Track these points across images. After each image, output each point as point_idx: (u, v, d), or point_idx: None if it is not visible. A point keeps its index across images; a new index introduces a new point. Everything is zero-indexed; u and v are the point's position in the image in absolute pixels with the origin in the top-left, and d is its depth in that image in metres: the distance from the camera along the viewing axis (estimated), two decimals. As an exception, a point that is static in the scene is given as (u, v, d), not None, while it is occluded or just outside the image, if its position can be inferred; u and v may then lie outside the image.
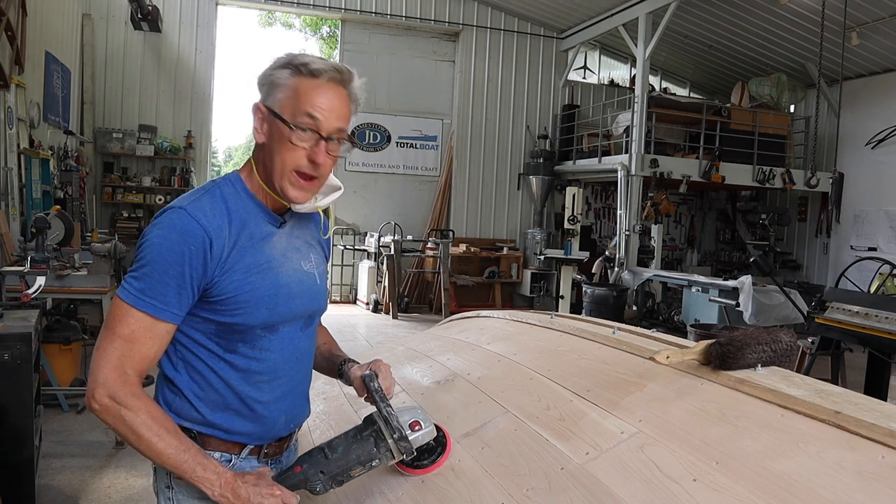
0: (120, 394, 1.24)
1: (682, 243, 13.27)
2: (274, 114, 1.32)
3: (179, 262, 1.27)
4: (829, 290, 5.60)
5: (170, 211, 1.31)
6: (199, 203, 1.32)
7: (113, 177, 10.15)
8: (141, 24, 9.36)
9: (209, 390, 1.36)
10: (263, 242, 1.38)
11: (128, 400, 1.25)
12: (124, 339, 1.27)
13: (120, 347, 1.27)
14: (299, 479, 1.34)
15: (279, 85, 1.32)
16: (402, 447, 1.33)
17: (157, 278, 1.27)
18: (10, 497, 3.03)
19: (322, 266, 1.54)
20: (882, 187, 10.35)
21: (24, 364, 3.07)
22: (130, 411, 1.25)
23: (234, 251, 1.32)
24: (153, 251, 1.28)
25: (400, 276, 10.74)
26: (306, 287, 1.44)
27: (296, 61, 1.32)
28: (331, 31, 18.43)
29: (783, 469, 1.07)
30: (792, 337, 1.48)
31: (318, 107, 1.31)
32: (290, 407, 1.46)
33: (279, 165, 1.33)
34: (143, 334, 1.28)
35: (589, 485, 1.20)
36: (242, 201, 1.37)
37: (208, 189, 1.38)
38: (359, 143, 1.77)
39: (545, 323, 2.17)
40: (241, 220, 1.35)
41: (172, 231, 1.28)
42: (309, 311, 1.47)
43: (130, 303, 1.27)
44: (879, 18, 9.09)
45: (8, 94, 5.78)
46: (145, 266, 1.28)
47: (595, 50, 12.82)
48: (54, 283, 4.27)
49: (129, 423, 1.25)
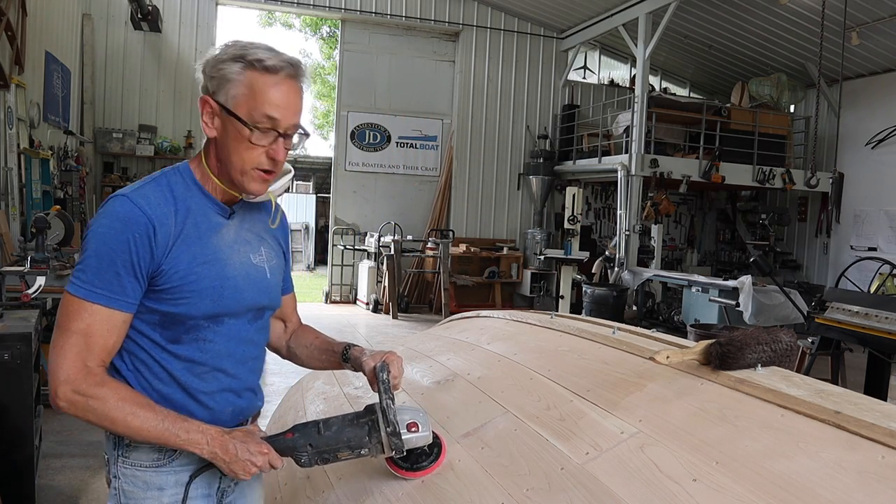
0: (84, 386, 1.23)
1: (682, 243, 13.27)
2: (229, 111, 1.29)
3: (125, 250, 1.25)
4: (829, 290, 5.60)
5: (112, 199, 1.29)
6: (143, 191, 1.31)
7: (113, 177, 10.15)
8: (141, 24, 9.36)
9: (154, 380, 1.34)
10: (211, 233, 1.36)
11: (93, 390, 1.23)
12: (80, 333, 1.25)
13: (77, 343, 1.25)
14: (287, 446, 1.34)
15: (231, 80, 1.28)
16: (393, 443, 1.33)
17: (105, 268, 1.25)
18: (10, 497, 3.03)
19: (275, 260, 1.50)
20: (882, 187, 10.35)
21: (24, 364, 3.06)
22: (98, 400, 1.23)
23: (180, 240, 1.31)
24: (98, 241, 1.26)
25: (400, 276, 10.74)
26: (254, 280, 1.42)
27: (249, 56, 1.28)
28: (331, 31, 18.45)
29: (783, 469, 1.07)
30: (792, 337, 1.48)
31: (276, 106, 1.29)
32: (235, 398, 1.43)
33: (238, 163, 1.31)
34: (99, 326, 1.26)
35: (589, 485, 1.20)
36: (190, 191, 1.36)
37: (155, 178, 1.36)
38: (310, 134, 1.70)
39: (545, 323, 2.17)
40: (187, 209, 1.33)
41: (115, 219, 1.26)
42: (257, 304, 1.44)
43: (81, 296, 1.25)
44: (879, 18, 9.09)
45: (8, 94, 5.78)
46: (92, 257, 1.26)
47: (595, 50, 12.82)
48: (54, 283, 4.26)
49: (100, 412, 1.24)
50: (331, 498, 1.50)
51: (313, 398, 2.22)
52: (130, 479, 1.35)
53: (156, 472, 1.35)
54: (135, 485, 1.35)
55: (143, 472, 1.35)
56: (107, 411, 1.24)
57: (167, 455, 1.35)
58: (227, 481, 1.43)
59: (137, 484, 1.35)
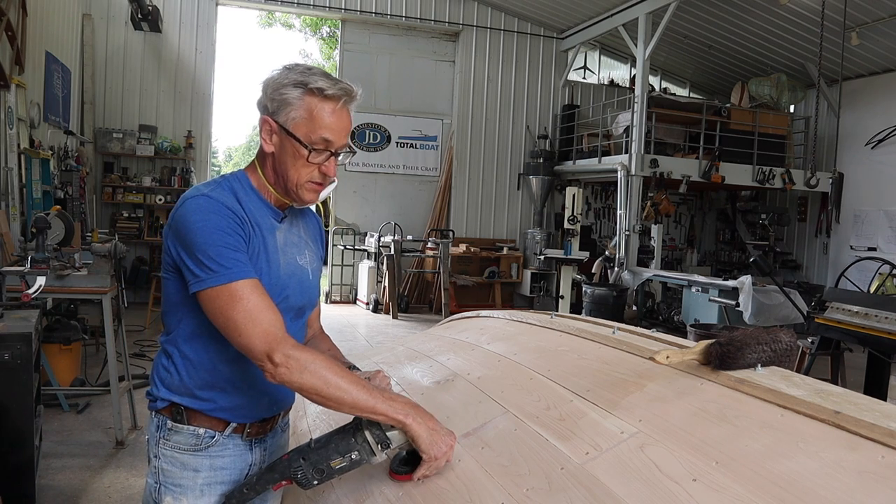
0: (290, 350, 1.31)
1: (681, 243, 13.27)
2: (288, 132, 1.41)
3: (227, 229, 1.35)
4: (829, 290, 5.60)
5: (192, 199, 1.38)
6: (217, 191, 1.41)
7: (113, 177, 10.15)
8: (141, 24, 9.37)
9: (200, 368, 1.45)
10: (267, 234, 1.47)
11: (298, 353, 1.32)
12: (248, 312, 1.32)
13: (253, 317, 1.31)
14: (285, 467, 1.39)
15: (292, 104, 1.40)
16: (377, 436, 1.36)
17: (221, 249, 1.33)
18: (10, 497, 3.03)
19: (315, 263, 1.62)
20: (882, 187, 10.35)
21: (25, 364, 3.06)
22: (311, 360, 1.31)
23: (245, 236, 1.41)
24: (203, 231, 1.34)
25: (400, 276, 10.74)
26: (299, 281, 1.53)
27: (310, 84, 1.39)
28: (331, 31, 18.44)
29: (783, 469, 1.07)
30: (792, 337, 1.48)
31: (332, 130, 1.41)
32: (274, 390, 1.51)
33: (294, 177, 1.44)
34: (256, 298, 1.34)
35: (589, 485, 1.20)
36: (249, 196, 1.46)
37: (218, 182, 1.47)
38: (356, 151, 1.90)
39: (545, 323, 2.17)
40: (249, 210, 1.44)
41: (208, 212, 1.35)
42: (300, 303, 1.55)
43: (224, 282, 1.33)
44: (879, 18, 9.10)
45: (8, 94, 5.78)
46: (206, 246, 1.33)
47: (595, 50, 12.82)
48: (54, 283, 4.25)
49: (314, 370, 1.30)
50: (331, 498, 1.50)
51: (313, 398, 2.22)
52: (170, 460, 1.47)
53: (193, 455, 1.47)
54: (173, 465, 1.47)
55: (182, 454, 1.46)
56: (319, 370, 1.31)
57: (204, 441, 1.47)
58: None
59: (175, 464, 1.46)
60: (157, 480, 1.48)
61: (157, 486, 1.48)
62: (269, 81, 1.43)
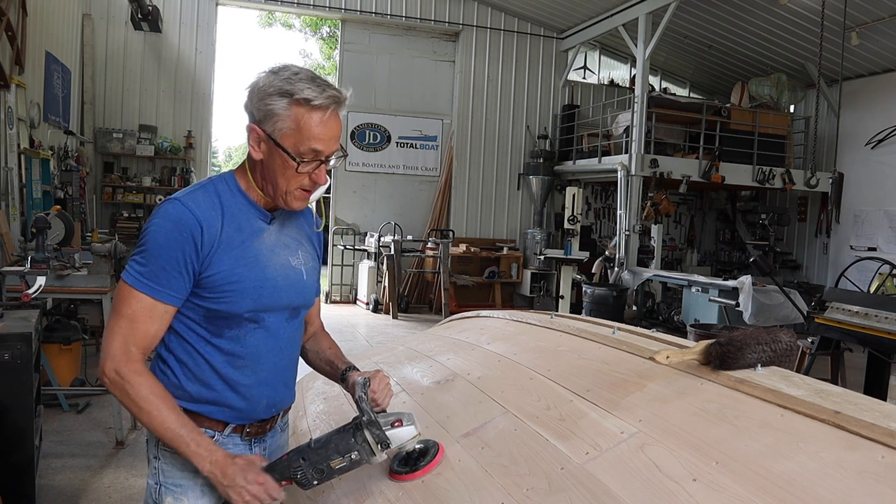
0: (124, 370, 1.37)
1: (681, 243, 13.27)
2: (276, 143, 1.39)
3: (174, 248, 1.37)
4: (829, 290, 5.60)
5: (167, 202, 1.42)
6: (194, 196, 1.43)
7: (113, 177, 10.15)
8: (141, 24, 9.36)
9: (196, 371, 1.46)
10: (253, 237, 1.47)
11: (131, 376, 1.37)
12: (127, 318, 1.39)
13: (124, 326, 1.39)
14: (284, 467, 1.40)
15: (278, 115, 1.37)
16: (376, 435, 1.37)
17: (154, 262, 1.38)
18: (10, 497, 3.03)
19: (312, 263, 1.61)
20: (882, 187, 10.35)
21: (25, 364, 3.06)
22: (132, 387, 1.36)
23: (224, 242, 1.42)
24: (151, 238, 1.39)
25: (400, 276, 10.74)
26: (292, 282, 1.53)
27: (296, 94, 1.35)
28: (331, 31, 18.44)
29: (783, 469, 1.07)
30: (792, 337, 1.48)
31: (322, 140, 1.39)
32: (271, 392, 1.54)
33: (283, 185, 1.43)
34: (143, 314, 1.39)
35: (589, 485, 1.20)
36: (235, 198, 1.47)
37: (203, 184, 1.48)
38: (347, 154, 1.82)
39: (545, 323, 2.17)
40: (232, 214, 1.44)
41: (168, 220, 1.39)
42: (294, 304, 1.55)
43: (131, 284, 1.39)
44: (879, 18, 9.09)
45: (8, 94, 5.78)
46: (145, 251, 1.39)
47: (595, 50, 12.82)
48: (54, 283, 4.26)
49: (132, 397, 1.37)
50: (331, 498, 1.51)
51: (313, 398, 2.23)
52: (169, 460, 1.48)
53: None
54: (173, 465, 1.48)
55: (181, 456, 1.45)
56: (137, 399, 1.37)
57: None
58: None
59: (175, 465, 1.47)
60: (158, 481, 1.49)
61: (158, 487, 1.48)
62: (254, 87, 1.40)
